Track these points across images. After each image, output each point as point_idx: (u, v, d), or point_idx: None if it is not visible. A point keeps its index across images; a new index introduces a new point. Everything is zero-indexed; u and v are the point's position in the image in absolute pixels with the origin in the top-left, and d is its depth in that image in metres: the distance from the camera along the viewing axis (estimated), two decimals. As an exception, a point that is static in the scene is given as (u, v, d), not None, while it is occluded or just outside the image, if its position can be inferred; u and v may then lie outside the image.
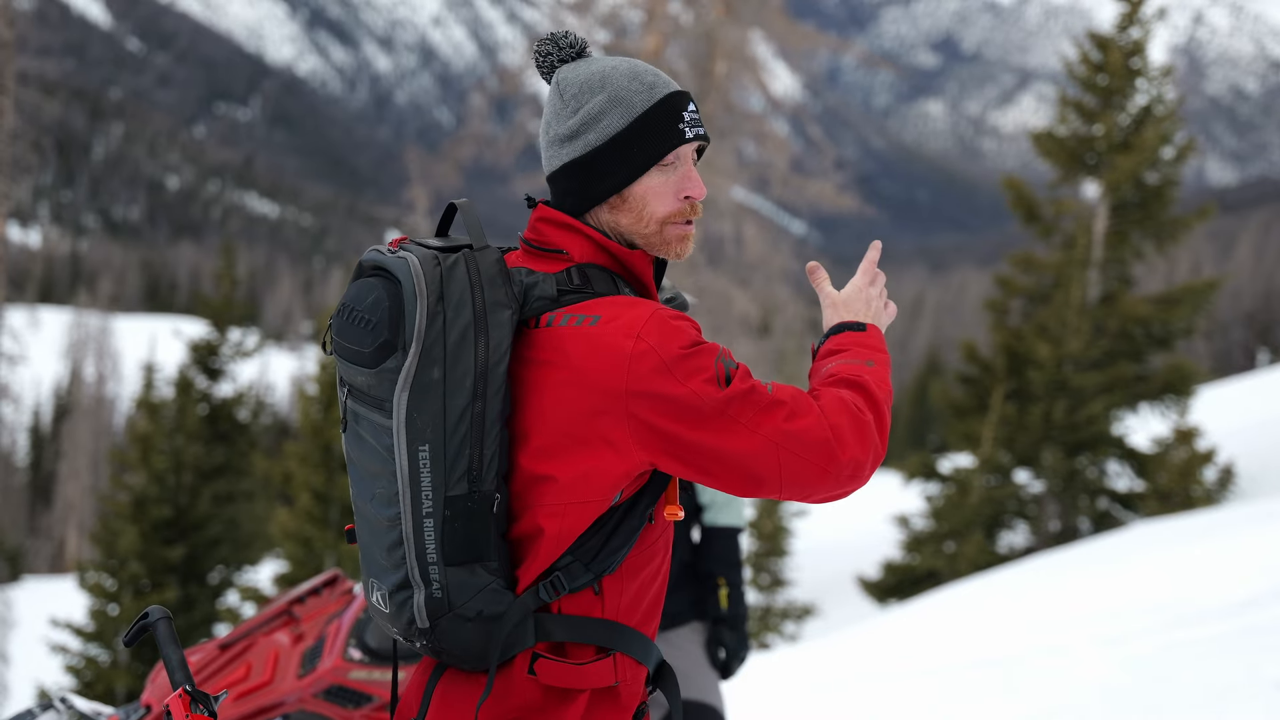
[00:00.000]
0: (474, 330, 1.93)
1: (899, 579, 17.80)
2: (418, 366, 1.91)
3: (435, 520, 1.94)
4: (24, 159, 13.28)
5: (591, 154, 2.02)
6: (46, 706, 3.29)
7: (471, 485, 1.93)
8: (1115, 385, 17.01)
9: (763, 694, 8.40)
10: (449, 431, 1.92)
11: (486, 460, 1.93)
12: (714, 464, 1.93)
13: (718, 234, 22.47)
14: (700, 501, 3.97)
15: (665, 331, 1.92)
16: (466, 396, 1.92)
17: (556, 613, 1.99)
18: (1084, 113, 18.11)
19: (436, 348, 1.92)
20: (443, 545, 1.94)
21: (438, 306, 1.92)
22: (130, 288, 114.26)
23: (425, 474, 1.93)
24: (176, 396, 18.86)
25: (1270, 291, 71.21)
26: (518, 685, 1.99)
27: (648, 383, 1.89)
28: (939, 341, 70.78)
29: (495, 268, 1.97)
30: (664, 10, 21.67)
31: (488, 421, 1.93)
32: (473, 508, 1.94)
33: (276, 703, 3.71)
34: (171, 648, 2.12)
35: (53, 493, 54.16)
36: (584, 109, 2.02)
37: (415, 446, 1.93)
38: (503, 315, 1.94)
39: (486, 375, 1.92)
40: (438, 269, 1.95)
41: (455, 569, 1.95)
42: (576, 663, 1.98)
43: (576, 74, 2.06)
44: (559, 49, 2.09)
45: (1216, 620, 7.44)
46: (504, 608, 1.97)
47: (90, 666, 16.80)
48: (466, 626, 1.97)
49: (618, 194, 2.03)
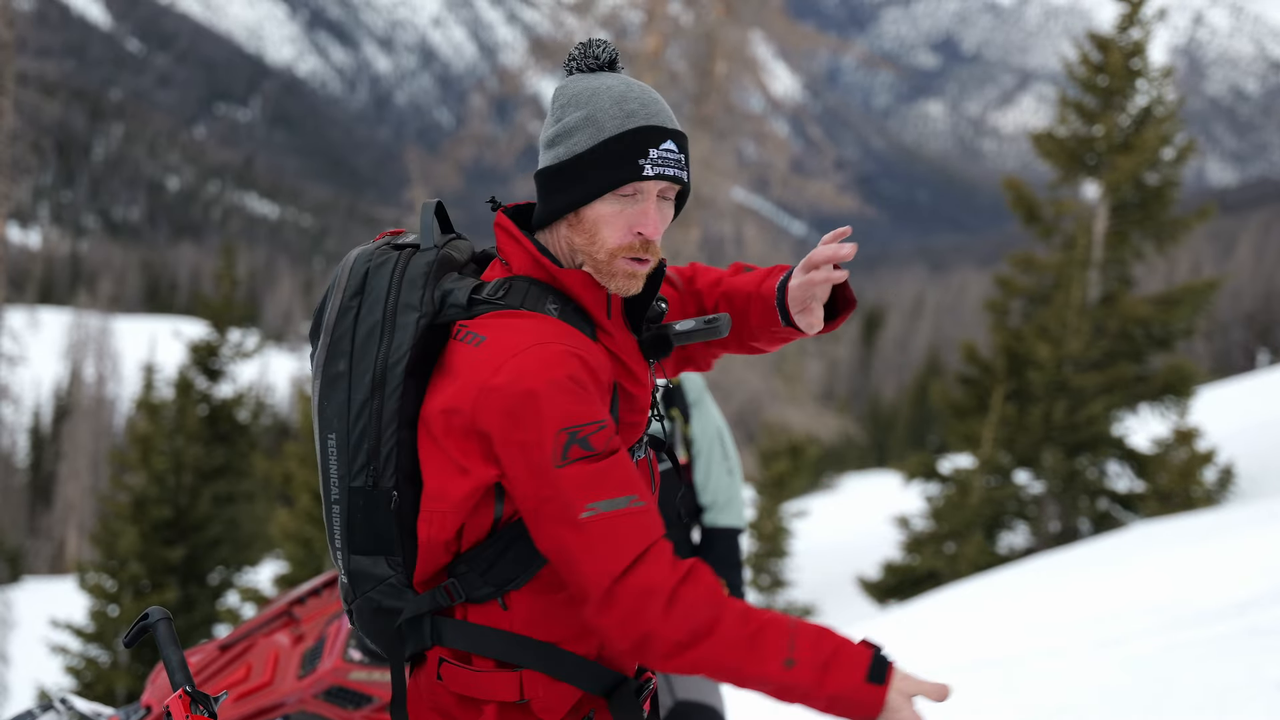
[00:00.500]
0: (380, 329, 1.97)
1: (899, 580, 17.80)
2: (326, 357, 2.00)
3: (341, 508, 2.00)
4: (24, 159, 13.29)
5: (557, 167, 1.99)
6: (47, 707, 3.29)
7: (368, 480, 1.97)
8: (1115, 386, 17.01)
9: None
10: (350, 424, 1.97)
11: (383, 457, 1.96)
12: (530, 516, 1.90)
13: (718, 235, 22.47)
14: (700, 503, 3.98)
15: (527, 372, 1.88)
16: (365, 392, 1.96)
17: (460, 619, 2.00)
18: (1084, 113, 18.10)
19: (344, 341, 1.98)
20: (348, 533, 2.00)
21: (352, 301, 1.99)
22: (130, 288, 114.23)
23: (333, 462, 1.99)
24: (176, 397, 18.86)
25: (1270, 292, 71.21)
26: (434, 692, 2.02)
27: (489, 418, 1.88)
28: (939, 342, 70.79)
29: (422, 270, 2.00)
30: (664, 11, 21.67)
31: (384, 419, 1.96)
32: (372, 502, 1.97)
33: (277, 703, 3.70)
34: (171, 649, 2.12)
35: (53, 493, 54.16)
36: (562, 121, 2.01)
37: (325, 434, 2.00)
38: (409, 318, 1.96)
39: (385, 374, 1.95)
40: (367, 265, 2.01)
41: (359, 557, 2.01)
42: (476, 670, 1.98)
43: (574, 86, 2.04)
44: (583, 56, 2.06)
45: (1217, 621, 7.44)
46: (402, 603, 2.00)
47: (90, 667, 16.79)
48: (370, 616, 2.04)
49: (574, 212, 2.00)
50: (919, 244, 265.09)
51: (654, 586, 1.82)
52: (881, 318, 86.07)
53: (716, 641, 1.82)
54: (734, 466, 4.01)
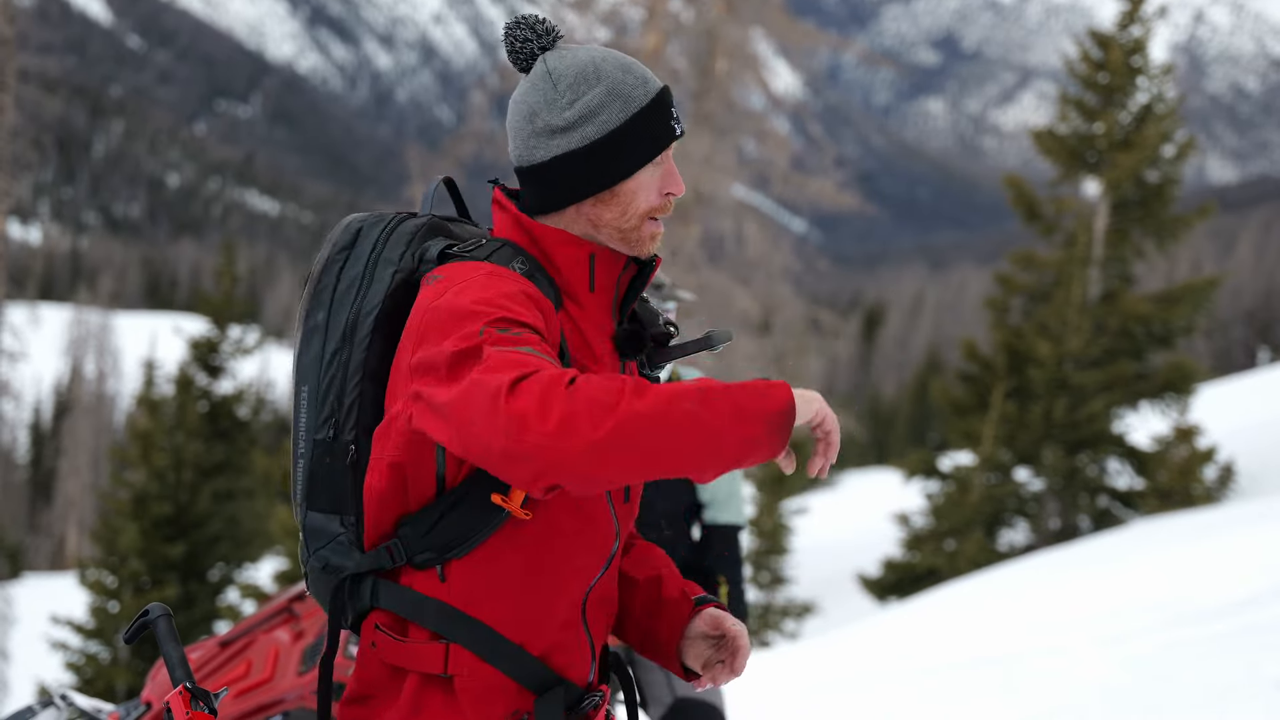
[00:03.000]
0: (360, 281, 1.99)
1: (899, 577, 17.80)
2: (308, 308, 2.02)
3: (305, 462, 2.01)
4: (24, 156, 13.28)
5: (588, 147, 1.97)
6: (47, 704, 3.29)
7: (332, 432, 1.98)
8: (1116, 383, 17.01)
9: (763, 692, 8.40)
10: (321, 374, 1.99)
11: (345, 407, 1.97)
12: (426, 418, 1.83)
13: (718, 232, 22.48)
14: (700, 499, 3.98)
15: (466, 290, 1.86)
16: (337, 342, 1.98)
17: (400, 584, 1.98)
18: (1085, 111, 18.10)
19: (325, 293, 2.01)
20: (308, 487, 2.00)
21: (339, 255, 2.02)
22: (131, 285, 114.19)
23: (303, 415, 2.01)
24: (177, 394, 18.87)
25: (1271, 290, 71.18)
26: (367, 660, 2.01)
27: (419, 337, 1.86)
28: (939, 340, 70.73)
29: (410, 230, 2.03)
30: (665, 8, 21.67)
31: (350, 368, 1.97)
32: (331, 455, 1.98)
33: (276, 700, 3.71)
34: (172, 645, 2.12)
35: (53, 490, 54.15)
36: (581, 100, 1.97)
37: (299, 386, 2.01)
38: (386, 271, 1.99)
39: (357, 324, 1.97)
40: (360, 224, 2.04)
41: (315, 514, 2.01)
42: (408, 641, 1.96)
43: (567, 62, 2.00)
44: (537, 35, 2.02)
45: (1216, 619, 7.44)
46: (348, 562, 2.00)
47: (90, 664, 16.81)
48: (319, 576, 2.04)
49: (609, 189, 1.98)
50: (919, 241, 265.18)
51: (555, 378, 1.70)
52: (882, 315, 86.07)
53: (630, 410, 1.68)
54: (734, 464, 4.00)
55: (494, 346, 1.76)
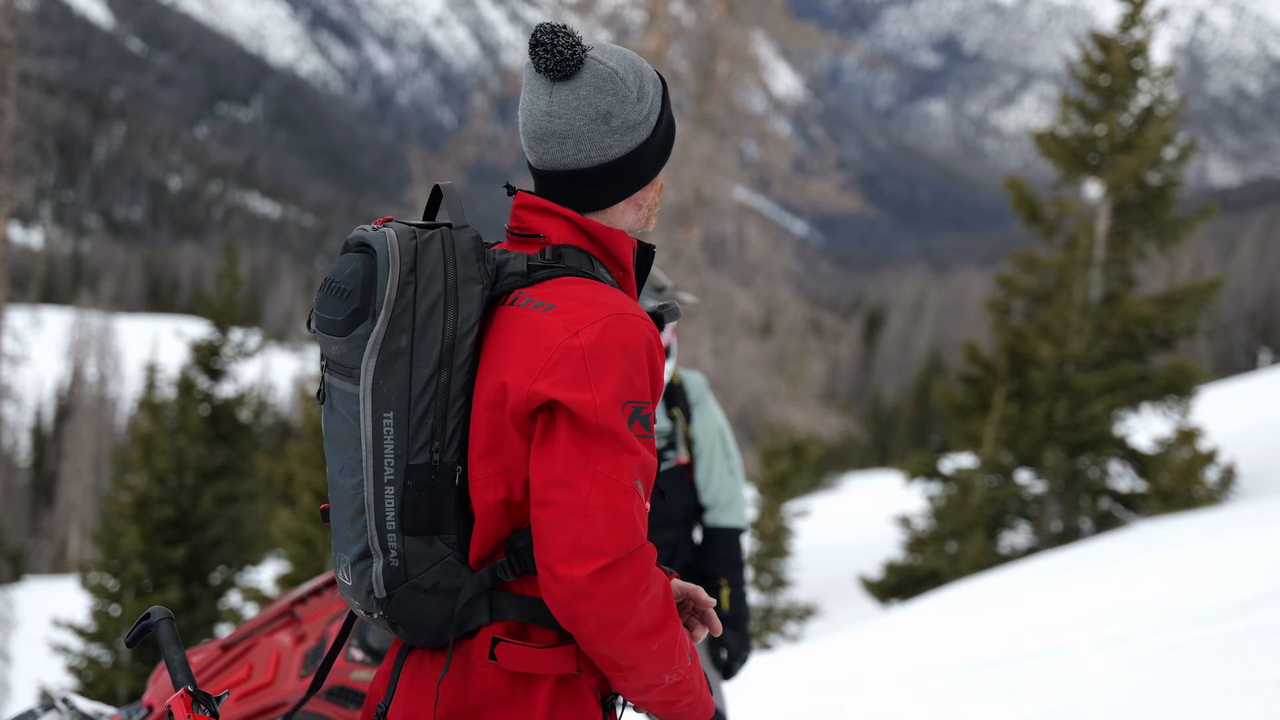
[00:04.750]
0: (444, 302, 1.98)
1: (901, 579, 17.79)
2: (386, 334, 1.96)
3: (396, 488, 1.98)
4: (26, 159, 13.30)
5: (658, 135, 2.11)
6: (49, 707, 3.29)
7: (433, 455, 1.97)
8: (1117, 385, 17.00)
9: (765, 694, 8.40)
10: (413, 400, 1.97)
11: (449, 431, 1.98)
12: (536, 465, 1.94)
13: (720, 234, 22.48)
14: (702, 502, 3.98)
15: (608, 335, 1.94)
16: (432, 366, 1.97)
17: (518, 594, 2.01)
18: (1086, 113, 18.10)
19: (405, 316, 1.97)
20: (401, 514, 1.98)
21: (409, 276, 1.97)
22: (132, 288, 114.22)
23: (389, 441, 1.97)
24: (178, 397, 18.87)
25: (1272, 291, 71.14)
26: (480, 672, 2.00)
27: (558, 377, 1.92)
28: (941, 342, 70.73)
29: (471, 244, 2.02)
30: (666, 10, 21.68)
31: (452, 393, 1.98)
32: (433, 478, 1.98)
33: (278, 703, 3.71)
34: (173, 648, 2.13)
35: (55, 493, 54.15)
36: (648, 95, 2.10)
37: (380, 413, 1.97)
38: (473, 289, 1.99)
39: (454, 347, 1.97)
40: (413, 242, 2.00)
41: (413, 539, 1.99)
42: (537, 646, 1.99)
43: (621, 62, 2.09)
44: (575, 42, 2.08)
45: (1218, 621, 7.44)
46: (460, 581, 2.00)
47: (92, 667, 16.80)
48: (422, 598, 2.00)
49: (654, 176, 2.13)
50: (921, 244, 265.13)
51: (644, 572, 1.91)
52: (883, 317, 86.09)
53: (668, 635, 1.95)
54: (735, 466, 4.01)
55: (631, 453, 1.91)
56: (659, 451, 3.87)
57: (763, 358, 22.64)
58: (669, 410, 3.93)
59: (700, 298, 20.22)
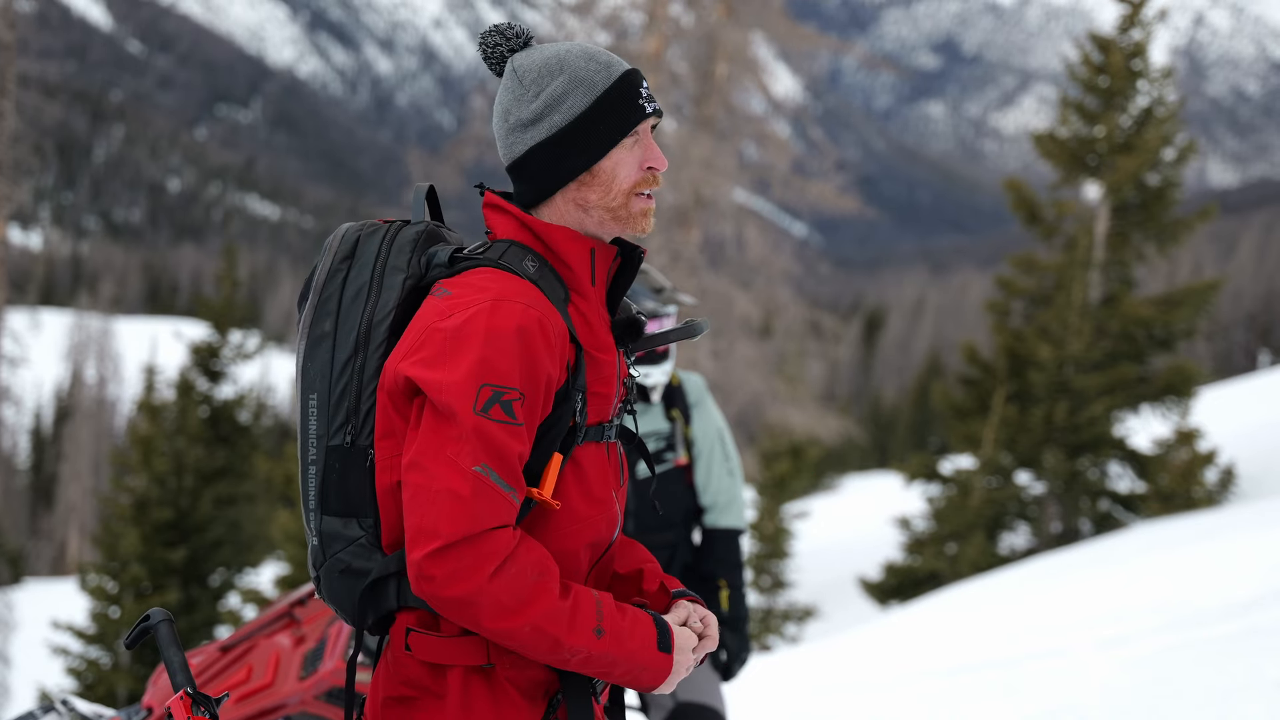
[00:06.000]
0: (368, 289, 2.04)
1: (900, 581, 17.79)
2: (313, 318, 2.05)
3: (317, 469, 2.04)
4: (25, 161, 13.31)
5: (558, 134, 2.05)
6: (48, 709, 3.29)
7: (346, 438, 2.02)
8: (1116, 387, 17.00)
9: (764, 696, 8.40)
10: (333, 382, 2.03)
11: (362, 414, 2.02)
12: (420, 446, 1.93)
13: (719, 236, 22.48)
14: (701, 504, 3.99)
15: (474, 318, 1.93)
16: (349, 349, 2.02)
17: None
18: (1085, 114, 18.10)
19: (331, 301, 2.05)
20: (322, 494, 2.04)
21: (342, 265, 2.06)
22: (131, 290, 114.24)
23: (312, 422, 2.04)
24: (178, 399, 18.87)
25: (1271, 293, 71.16)
26: (402, 662, 2.03)
27: (418, 356, 1.94)
28: (940, 343, 70.75)
29: (412, 238, 2.08)
30: (665, 12, 21.68)
31: (365, 376, 2.02)
32: (349, 460, 2.02)
33: (278, 705, 3.71)
34: (173, 650, 2.13)
35: (54, 495, 54.12)
36: (545, 92, 2.06)
37: (307, 395, 2.05)
38: (396, 279, 2.05)
39: (370, 332, 2.03)
40: (358, 234, 2.09)
41: (331, 519, 2.04)
42: (445, 636, 2.00)
43: (532, 60, 2.09)
44: (506, 39, 2.11)
45: (1218, 622, 7.44)
46: (370, 564, 2.03)
47: (92, 669, 16.79)
48: (338, 579, 2.05)
49: (587, 170, 2.06)
50: (920, 245, 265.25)
51: (490, 554, 1.87)
52: (882, 319, 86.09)
53: (540, 609, 1.88)
54: (735, 467, 4.01)
55: (477, 436, 1.88)
56: (658, 453, 3.87)
57: (762, 359, 22.63)
58: (668, 411, 3.93)
59: (699, 299, 20.22)
